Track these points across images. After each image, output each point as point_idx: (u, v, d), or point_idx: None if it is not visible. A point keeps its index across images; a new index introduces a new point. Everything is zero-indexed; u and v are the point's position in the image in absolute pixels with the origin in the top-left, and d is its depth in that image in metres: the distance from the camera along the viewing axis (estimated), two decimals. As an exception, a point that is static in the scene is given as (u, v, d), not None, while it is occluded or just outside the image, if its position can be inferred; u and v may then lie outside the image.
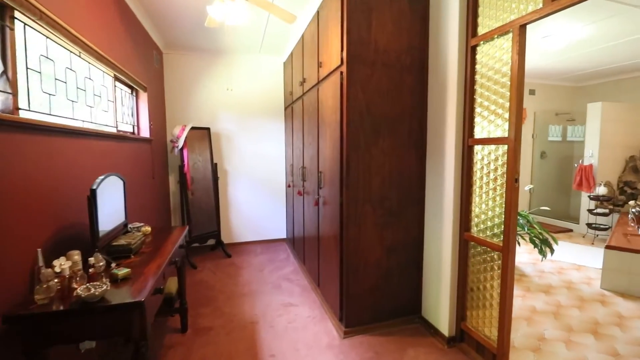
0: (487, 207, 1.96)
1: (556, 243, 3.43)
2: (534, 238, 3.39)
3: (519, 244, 3.18)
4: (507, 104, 1.79)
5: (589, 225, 4.75)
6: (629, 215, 4.28)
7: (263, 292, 3.02)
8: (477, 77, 2.00)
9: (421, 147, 2.39)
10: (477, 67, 2.00)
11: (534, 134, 6.05)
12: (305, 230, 3.35)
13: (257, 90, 4.37)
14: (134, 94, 3.19)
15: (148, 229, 2.16)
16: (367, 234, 2.31)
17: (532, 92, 5.89)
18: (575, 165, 5.23)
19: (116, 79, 2.70)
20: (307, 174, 3.13)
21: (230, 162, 4.34)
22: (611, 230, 4.67)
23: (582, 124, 5.49)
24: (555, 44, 3.88)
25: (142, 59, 3.19)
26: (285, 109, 4.28)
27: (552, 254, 3.44)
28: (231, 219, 4.39)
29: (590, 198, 4.78)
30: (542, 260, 3.78)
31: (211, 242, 4.16)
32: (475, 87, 2.02)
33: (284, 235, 4.62)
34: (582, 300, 2.87)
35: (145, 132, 3.27)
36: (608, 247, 3.08)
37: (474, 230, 2.07)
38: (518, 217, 3.28)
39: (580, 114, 5.51)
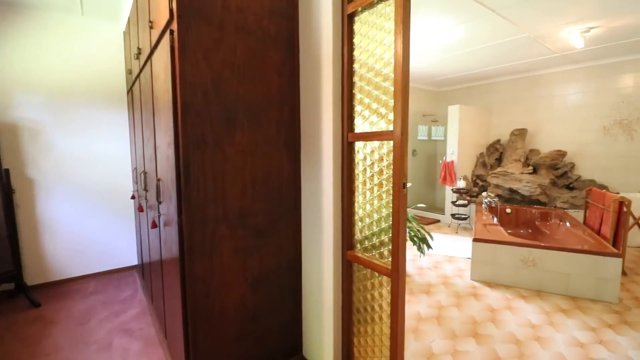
0: (372, 219, 1.56)
1: (432, 239, 3.48)
2: (414, 237, 3.35)
3: (401, 245, 3.07)
4: (392, 88, 1.40)
5: (453, 215, 5.22)
6: (483, 205, 4.83)
7: (78, 361, 2.02)
8: (356, 53, 1.57)
9: (294, 143, 1.86)
10: (356, 40, 1.57)
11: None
12: (151, 257, 2.46)
13: (85, 68, 3.15)
14: None
15: None
16: (224, 265, 1.65)
17: (404, 93, 6.23)
18: (440, 162, 5.73)
19: None
20: (149, 181, 2.26)
21: (40, 167, 3.01)
22: (470, 219, 5.25)
23: (443, 125, 6.07)
24: (427, 47, 3.98)
25: None
26: (128, 93, 3.22)
27: (429, 250, 3.48)
28: (45, 248, 3.06)
29: (453, 191, 5.26)
30: (420, 257, 3.85)
31: (8, 286, 2.79)
32: (354, 67, 1.59)
33: (135, 262, 3.52)
34: (458, 297, 2.88)
35: None
36: (475, 240, 3.21)
37: (357, 248, 1.66)
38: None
39: (441, 116, 6.08)
